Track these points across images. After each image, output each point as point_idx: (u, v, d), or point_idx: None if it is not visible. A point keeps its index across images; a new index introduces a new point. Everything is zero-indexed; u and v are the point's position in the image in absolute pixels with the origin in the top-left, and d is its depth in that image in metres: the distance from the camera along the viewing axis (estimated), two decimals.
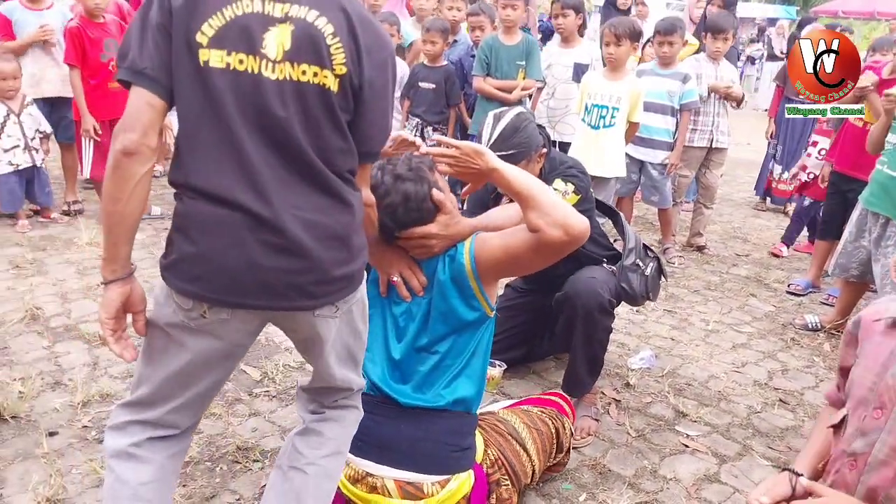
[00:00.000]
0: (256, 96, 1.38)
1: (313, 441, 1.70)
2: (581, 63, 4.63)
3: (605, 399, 2.80)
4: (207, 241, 1.40)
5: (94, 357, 2.85)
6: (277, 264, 1.41)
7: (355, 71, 1.43)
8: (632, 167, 4.49)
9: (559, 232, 1.73)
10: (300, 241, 1.42)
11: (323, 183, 1.45)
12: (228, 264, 1.40)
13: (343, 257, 1.50)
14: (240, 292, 1.42)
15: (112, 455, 1.55)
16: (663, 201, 4.64)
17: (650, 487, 2.30)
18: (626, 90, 4.01)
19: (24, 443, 2.28)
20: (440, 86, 4.75)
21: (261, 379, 2.78)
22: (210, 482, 2.16)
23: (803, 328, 3.68)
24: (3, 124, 4.26)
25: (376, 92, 1.48)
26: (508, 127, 2.37)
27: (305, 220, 1.43)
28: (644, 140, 4.46)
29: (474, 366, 1.95)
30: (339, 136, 1.46)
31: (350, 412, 1.76)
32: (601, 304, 2.45)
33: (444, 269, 1.90)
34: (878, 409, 1.38)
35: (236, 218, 1.39)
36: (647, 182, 4.62)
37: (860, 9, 16.91)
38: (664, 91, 4.37)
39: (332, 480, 1.72)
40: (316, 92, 1.41)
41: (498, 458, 1.99)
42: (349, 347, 1.66)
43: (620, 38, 3.95)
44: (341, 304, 1.55)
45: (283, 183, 1.41)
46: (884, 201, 3.25)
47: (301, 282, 1.45)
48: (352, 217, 1.51)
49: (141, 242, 4.28)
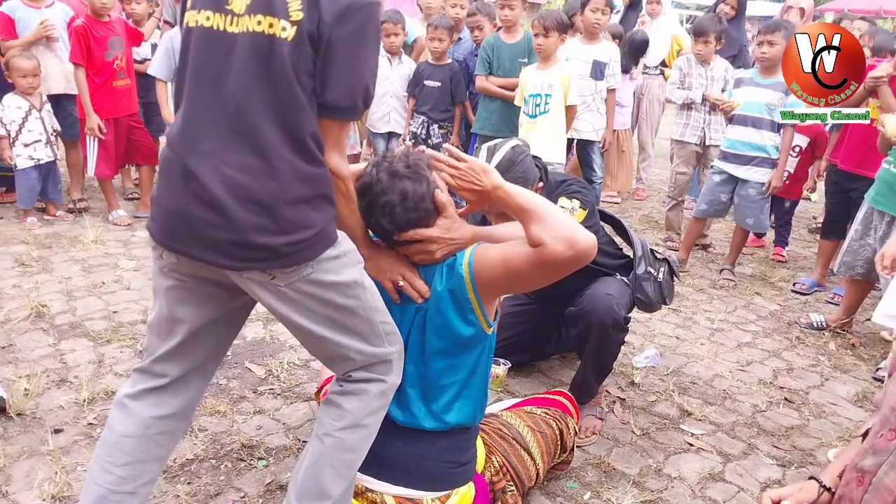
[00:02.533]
0: (215, 51, 1.44)
1: (333, 412, 1.70)
2: (600, 61, 4.63)
3: (610, 398, 2.79)
4: (160, 186, 1.55)
5: (99, 355, 2.86)
6: (201, 215, 1.46)
7: (311, 18, 1.40)
8: (723, 187, 4.24)
9: (563, 246, 1.61)
10: (218, 197, 1.44)
11: (260, 144, 1.44)
12: (168, 208, 1.51)
13: (263, 224, 1.45)
14: (176, 237, 1.51)
15: (114, 402, 1.72)
16: (759, 225, 4.27)
17: (655, 486, 2.30)
18: (557, 77, 4.16)
19: (29, 440, 2.29)
20: (445, 84, 4.75)
21: (265, 377, 2.78)
22: (215, 480, 2.16)
23: (808, 327, 3.67)
24: (25, 119, 4.31)
25: (340, 41, 1.43)
26: (504, 160, 2.25)
27: (230, 178, 1.44)
28: (737, 156, 4.15)
29: (474, 385, 1.84)
30: (290, 92, 1.43)
31: (372, 385, 1.69)
32: (616, 321, 2.42)
33: (442, 279, 1.77)
34: (893, 430, 1.33)
35: (175, 166, 1.49)
36: (742, 203, 4.20)
37: (866, 7, 16.81)
38: (762, 103, 4.03)
39: (351, 452, 1.70)
40: (268, 42, 1.41)
41: (503, 465, 1.97)
42: (332, 318, 1.58)
43: (549, 30, 4.13)
44: (279, 275, 1.50)
45: (221, 138, 1.45)
46: (891, 200, 3.24)
47: (219, 238, 1.46)
48: (281, 187, 1.45)
49: (146, 240, 4.28)
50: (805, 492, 1.44)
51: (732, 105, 4.13)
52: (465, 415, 1.84)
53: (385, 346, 1.69)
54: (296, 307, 1.56)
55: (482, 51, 4.60)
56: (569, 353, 3.12)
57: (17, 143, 4.28)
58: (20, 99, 4.30)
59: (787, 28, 3.99)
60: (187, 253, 1.51)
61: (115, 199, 4.68)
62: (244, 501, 2.08)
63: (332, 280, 1.55)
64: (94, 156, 4.44)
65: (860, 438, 1.50)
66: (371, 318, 1.65)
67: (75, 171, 4.77)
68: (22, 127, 4.29)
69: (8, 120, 4.25)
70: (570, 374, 2.97)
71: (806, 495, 1.42)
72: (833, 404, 2.92)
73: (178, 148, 1.49)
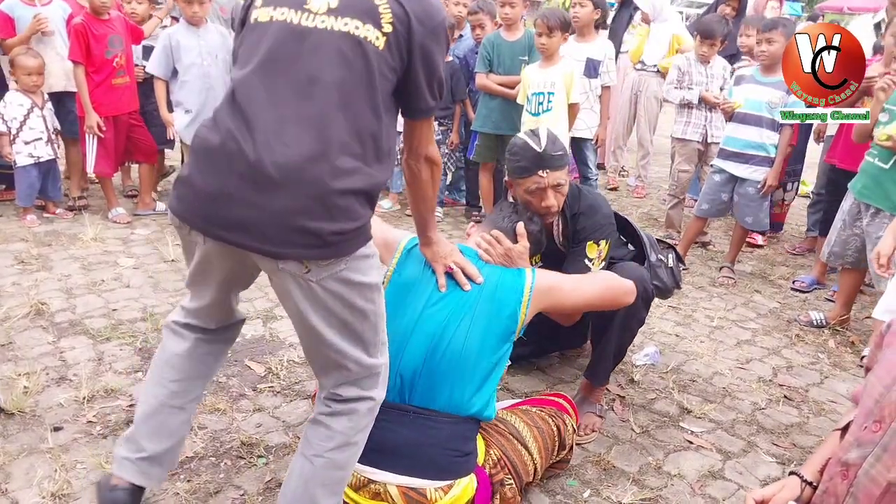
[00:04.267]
0: (292, 43, 1.51)
1: (322, 433, 1.70)
2: (594, 59, 4.63)
3: (610, 395, 2.79)
4: (194, 166, 1.54)
5: (98, 353, 2.86)
6: (247, 196, 1.45)
7: (401, 32, 1.53)
8: (724, 186, 4.24)
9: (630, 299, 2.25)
10: (273, 177, 1.43)
11: (324, 131, 1.47)
12: (205, 188, 1.50)
13: (314, 209, 1.46)
14: (212, 219, 1.51)
15: (164, 326, 1.88)
16: (758, 224, 4.25)
17: (654, 484, 2.30)
18: (559, 75, 4.18)
19: (28, 438, 2.29)
20: (446, 82, 4.73)
21: (265, 374, 2.78)
22: (214, 478, 2.16)
23: (808, 325, 3.67)
24: (27, 117, 4.30)
25: (430, 55, 1.59)
26: (550, 134, 2.41)
27: (287, 160, 1.44)
28: (737, 154, 4.15)
29: (494, 379, 1.99)
30: (367, 91, 1.51)
31: (361, 404, 1.71)
32: (646, 290, 2.47)
33: (504, 274, 2.08)
34: (878, 422, 1.34)
35: (220, 145, 1.48)
36: (741, 201, 4.20)
37: (866, 4, 16.81)
38: (763, 101, 4.04)
39: (341, 469, 1.72)
40: (357, 44, 1.50)
41: (501, 459, 1.99)
42: (346, 321, 1.61)
43: (552, 29, 4.16)
44: (314, 268, 1.51)
45: (283, 121, 1.47)
46: (876, 192, 3.26)
47: (263, 221, 1.46)
48: (335, 175, 1.47)
49: (146, 238, 4.29)
50: (788, 489, 1.44)
51: (733, 105, 4.12)
52: (481, 404, 1.95)
53: (379, 358, 1.73)
54: (318, 307, 1.56)
55: (482, 48, 4.60)
56: (569, 352, 3.12)
57: (17, 140, 4.28)
58: (22, 96, 4.30)
59: (784, 25, 3.99)
60: (223, 237, 1.51)
61: (114, 197, 4.67)
62: (244, 499, 2.08)
63: (360, 280, 1.58)
64: (93, 153, 4.43)
65: (838, 432, 1.50)
66: (378, 326, 1.69)
67: (75, 170, 4.76)
68: (23, 124, 4.28)
69: (9, 117, 4.25)
70: (570, 373, 2.98)
71: (789, 493, 1.42)
72: (833, 402, 2.93)
73: (230, 126, 1.48)
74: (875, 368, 1.46)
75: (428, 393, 1.91)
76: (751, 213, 4.18)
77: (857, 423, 1.40)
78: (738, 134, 4.15)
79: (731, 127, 4.21)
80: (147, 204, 4.76)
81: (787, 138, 4.11)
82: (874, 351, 1.53)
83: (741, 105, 4.09)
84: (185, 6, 4.32)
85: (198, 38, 4.37)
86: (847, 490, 1.35)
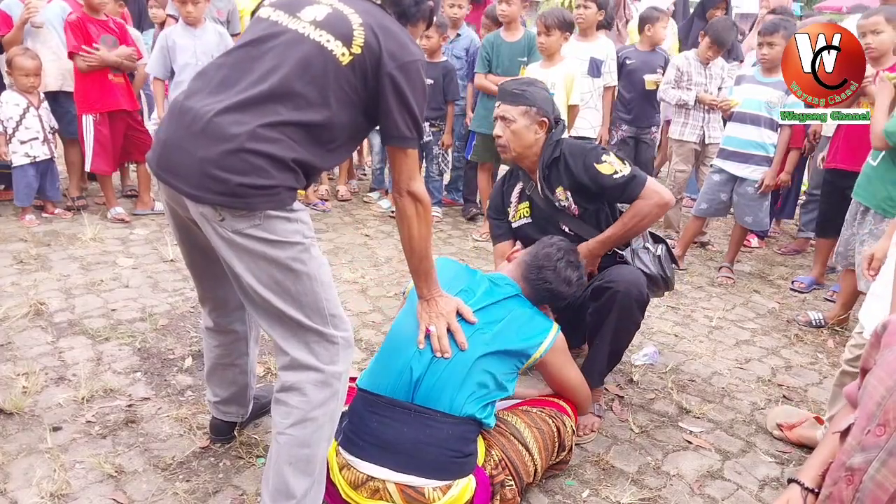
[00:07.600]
0: (270, 38, 1.71)
1: (281, 410, 1.76)
2: (597, 58, 4.62)
3: (609, 395, 2.79)
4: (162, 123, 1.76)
5: (97, 353, 2.85)
6: (183, 145, 1.63)
7: (369, 58, 1.69)
8: (723, 186, 4.25)
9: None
10: (203, 130, 1.60)
11: (264, 111, 1.62)
12: (163, 140, 1.70)
13: (226, 161, 1.58)
14: (161, 164, 1.70)
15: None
16: (758, 224, 4.26)
17: (653, 484, 2.30)
18: (560, 75, 4.18)
19: (27, 438, 2.29)
20: (438, 82, 4.74)
21: (264, 374, 2.78)
22: (213, 477, 2.16)
23: (807, 325, 3.67)
24: (23, 117, 4.31)
25: (396, 85, 1.71)
26: (528, 79, 2.63)
27: (218, 119, 1.60)
28: (736, 154, 4.16)
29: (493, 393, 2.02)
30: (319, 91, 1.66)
31: (307, 374, 1.74)
32: (641, 294, 2.46)
33: (536, 318, 2.17)
34: (881, 426, 1.31)
35: (178, 105, 1.69)
36: (741, 201, 4.21)
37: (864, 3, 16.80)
38: (762, 101, 4.06)
39: (305, 447, 1.74)
40: (322, 52, 1.68)
41: (502, 460, 2.00)
42: (276, 279, 1.67)
43: (550, 29, 4.16)
44: (227, 217, 1.61)
45: (232, 90, 1.65)
46: (865, 190, 3.29)
47: (185, 164, 1.62)
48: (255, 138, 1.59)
49: (145, 238, 4.29)
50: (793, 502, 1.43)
51: (730, 104, 4.11)
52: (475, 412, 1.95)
53: (329, 329, 1.74)
54: (241, 256, 1.65)
55: (482, 48, 4.62)
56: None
57: (13, 140, 4.28)
58: (18, 96, 4.30)
59: (785, 28, 3.98)
60: (164, 179, 1.69)
61: (113, 197, 4.67)
62: (243, 499, 2.08)
63: (277, 239, 1.66)
64: (90, 151, 4.43)
65: (836, 435, 1.47)
66: (316, 291, 1.71)
67: (75, 169, 4.76)
68: (19, 124, 4.28)
69: (5, 117, 4.25)
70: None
71: None
72: None
73: (191, 87, 1.72)
74: (874, 369, 1.42)
75: (431, 393, 1.93)
76: (750, 212, 4.19)
77: (858, 426, 1.37)
78: (737, 133, 4.15)
79: (731, 126, 4.21)
80: (146, 203, 4.76)
81: (786, 138, 4.11)
82: (869, 351, 1.50)
83: (739, 103, 4.09)
84: (178, 6, 4.33)
85: (194, 39, 4.38)
86: (853, 496, 1.32)
